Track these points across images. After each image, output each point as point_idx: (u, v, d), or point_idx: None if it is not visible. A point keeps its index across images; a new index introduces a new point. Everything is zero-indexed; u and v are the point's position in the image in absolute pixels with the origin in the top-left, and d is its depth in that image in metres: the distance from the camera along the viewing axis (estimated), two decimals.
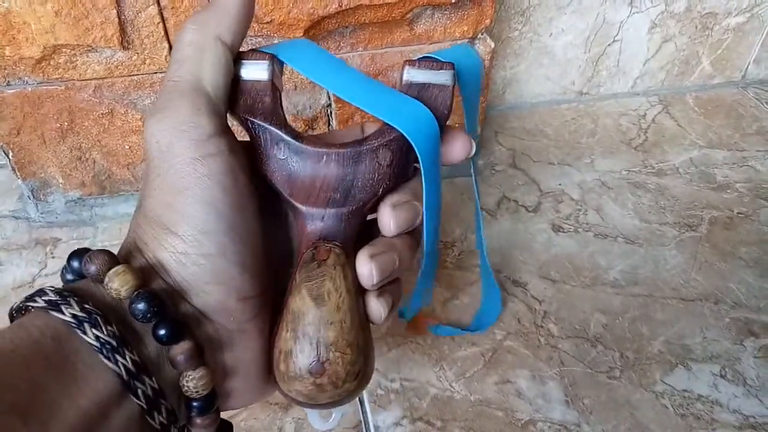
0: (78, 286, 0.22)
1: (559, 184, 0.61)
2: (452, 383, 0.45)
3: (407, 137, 0.25)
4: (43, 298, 0.20)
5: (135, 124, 0.52)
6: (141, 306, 0.21)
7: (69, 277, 0.23)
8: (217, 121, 0.23)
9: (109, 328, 0.20)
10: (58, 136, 0.52)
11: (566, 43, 0.67)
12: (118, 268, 0.21)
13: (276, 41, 0.49)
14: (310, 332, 0.23)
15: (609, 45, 0.68)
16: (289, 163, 0.25)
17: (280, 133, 0.25)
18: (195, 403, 0.22)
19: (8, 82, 0.48)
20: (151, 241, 0.23)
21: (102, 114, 0.51)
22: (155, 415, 0.21)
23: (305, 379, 0.23)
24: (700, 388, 0.44)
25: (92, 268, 0.21)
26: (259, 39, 0.48)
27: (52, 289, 0.21)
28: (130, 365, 0.20)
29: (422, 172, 0.25)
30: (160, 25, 0.46)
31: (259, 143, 0.26)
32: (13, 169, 0.54)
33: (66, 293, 0.20)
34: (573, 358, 0.46)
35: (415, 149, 0.25)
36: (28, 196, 0.56)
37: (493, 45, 0.54)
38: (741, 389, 0.44)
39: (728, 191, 0.60)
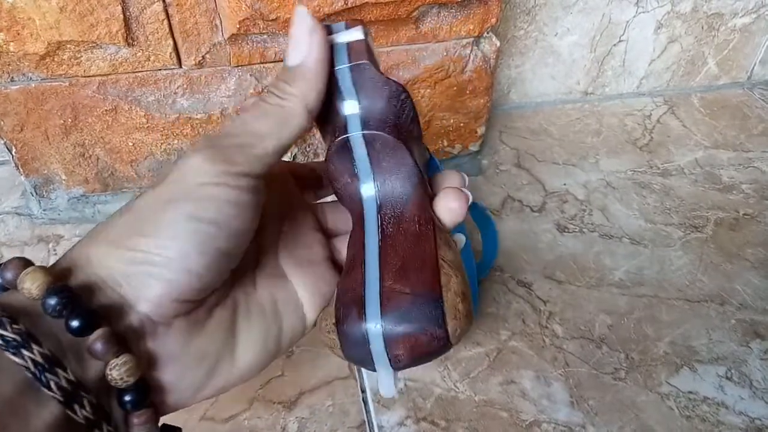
0: None
1: (564, 184, 0.61)
2: (457, 383, 0.44)
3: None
4: None
5: (139, 121, 0.51)
6: (52, 302, 0.20)
7: None
8: (255, 166, 0.24)
9: (15, 326, 0.20)
10: (62, 133, 0.51)
11: (572, 42, 0.67)
12: (29, 268, 0.21)
13: (281, 40, 0.49)
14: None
15: (614, 45, 0.68)
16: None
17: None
18: (126, 397, 0.22)
19: (12, 78, 0.48)
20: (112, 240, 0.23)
21: (106, 111, 0.51)
22: (76, 408, 0.20)
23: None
24: (705, 389, 0.44)
25: (8, 275, 0.21)
26: (264, 36, 0.48)
27: None
28: (38, 359, 0.20)
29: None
30: (165, 21, 0.46)
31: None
32: (17, 166, 0.53)
33: None
34: (578, 359, 0.46)
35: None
36: (31, 193, 0.56)
37: (498, 44, 0.54)
38: (747, 391, 0.44)
39: (734, 192, 0.60)
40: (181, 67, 0.49)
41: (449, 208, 0.27)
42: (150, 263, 0.22)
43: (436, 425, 0.42)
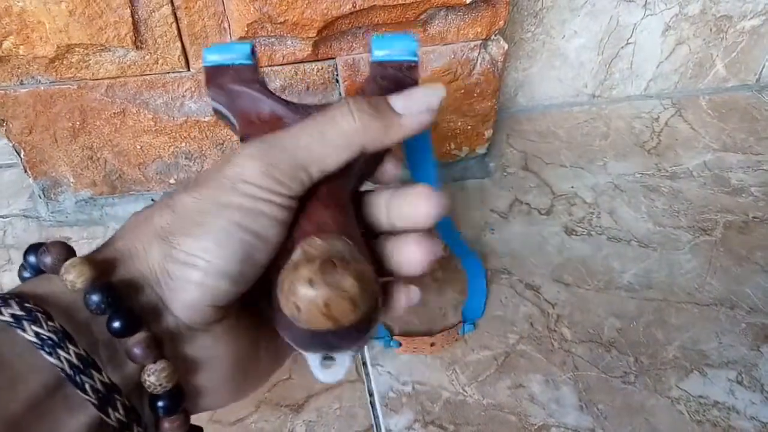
0: (29, 287, 0.21)
1: (572, 187, 0.61)
2: (465, 387, 0.44)
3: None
4: None
5: (147, 124, 0.52)
6: (95, 297, 0.20)
7: (26, 274, 0.22)
8: (299, 190, 0.23)
9: (50, 324, 0.19)
10: (70, 136, 0.52)
11: (579, 45, 0.66)
12: (75, 259, 0.21)
13: (289, 42, 0.49)
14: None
15: (622, 47, 0.67)
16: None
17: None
18: (160, 402, 0.21)
19: (21, 81, 0.48)
20: (150, 235, 0.22)
21: (114, 113, 0.51)
22: (109, 411, 0.20)
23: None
24: (716, 394, 0.43)
25: (48, 260, 0.21)
26: (272, 39, 0.48)
27: None
28: (74, 360, 0.19)
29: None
30: (174, 25, 0.46)
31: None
32: (25, 168, 0.54)
33: (8, 296, 0.20)
34: (587, 363, 0.45)
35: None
36: (39, 195, 0.56)
37: (506, 47, 0.54)
38: (758, 396, 0.43)
39: (743, 195, 0.60)
40: (189, 70, 0.49)
41: (407, 260, 0.25)
42: (191, 265, 0.22)
43: (445, 429, 0.42)
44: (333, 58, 0.51)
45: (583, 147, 0.66)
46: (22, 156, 0.53)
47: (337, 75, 0.52)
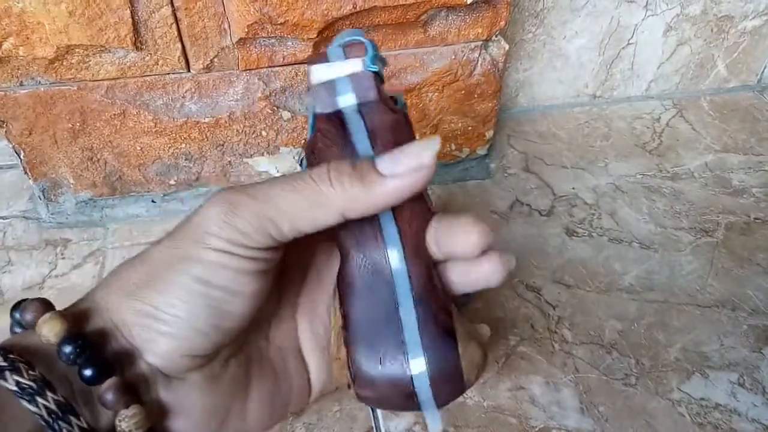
0: (16, 340, 0.22)
1: (573, 188, 0.61)
2: None
3: None
4: None
5: (147, 125, 0.51)
6: (67, 349, 0.21)
7: (17, 330, 0.23)
8: (269, 242, 0.23)
9: (31, 373, 0.20)
10: (70, 137, 0.52)
11: (580, 45, 0.66)
12: (46, 315, 0.21)
13: (289, 43, 0.49)
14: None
15: (623, 48, 0.67)
16: None
17: None
18: None
19: (21, 82, 0.48)
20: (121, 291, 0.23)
21: (114, 115, 0.51)
22: None
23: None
24: (717, 396, 0.43)
25: (28, 317, 0.22)
26: (272, 40, 0.48)
27: None
28: (52, 406, 0.20)
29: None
30: (174, 25, 0.46)
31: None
32: (25, 170, 0.54)
33: None
34: (588, 365, 0.45)
35: None
36: (39, 197, 0.56)
37: (507, 47, 0.54)
38: (760, 398, 0.43)
39: (744, 196, 0.59)
40: (189, 71, 0.49)
41: (486, 277, 0.24)
42: (158, 319, 0.22)
43: None
44: None
45: (584, 148, 0.66)
46: (22, 157, 0.53)
47: None
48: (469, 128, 0.59)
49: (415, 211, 0.25)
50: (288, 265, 0.27)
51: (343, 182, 0.22)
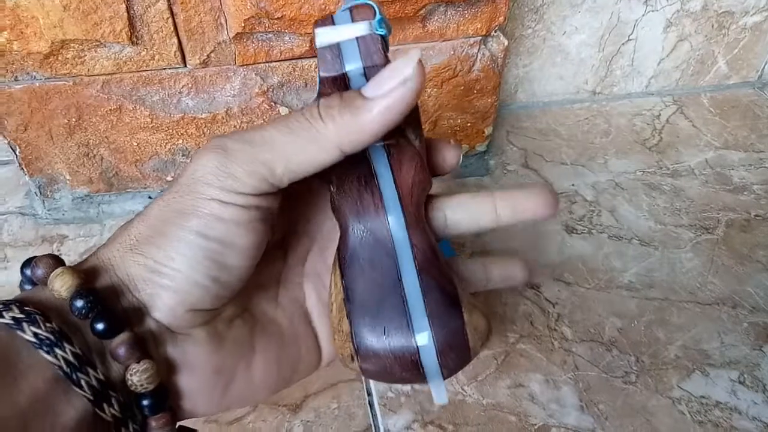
0: (29, 294, 0.22)
1: (573, 185, 0.60)
2: (464, 386, 0.44)
3: None
4: None
5: (143, 121, 0.51)
6: (78, 303, 0.21)
7: (27, 287, 0.23)
8: (265, 188, 0.23)
9: (47, 325, 0.20)
10: (66, 132, 0.51)
11: (580, 41, 0.66)
12: (59, 270, 0.22)
13: (287, 38, 0.48)
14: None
15: (623, 44, 0.67)
16: None
17: None
18: (144, 401, 0.22)
19: (16, 77, 0.47)
20: (126, 245, 0.23)
21: (110, 110, 0.50)
22: (105, 407, 0.21)
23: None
24: (718, 394, 0.43)
25: (39, 272, 0.22)
26: (270, 35, 0.48)
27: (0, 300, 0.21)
28: (70, 357, 0.20)
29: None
30: (170, 20, 0.46)
31: None
32: (20, 165, 0.53)
33: (9, 301, 0.21)
34: (587, 363, 0.45)
35: None
36: (35, 193, 0.55)
37: (506, 43, 0.53)
38: (761, 396, 0.43)
39: (745, 193, 0.59)
40: (185, 66, 0.49)
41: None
42: (159, 273, 0.22)
43: (444, 429, 0.41)
44: None
45: (584, 144, 0.65)
46: (17, 153, 0.52)
47: None
48: (468, 124, 0.58)
49: (416, 181, 0.24)
50: (296, 231, 0.28)
51: (333, 115, 0.22)
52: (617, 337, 0.47)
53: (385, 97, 0.21)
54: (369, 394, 0.43)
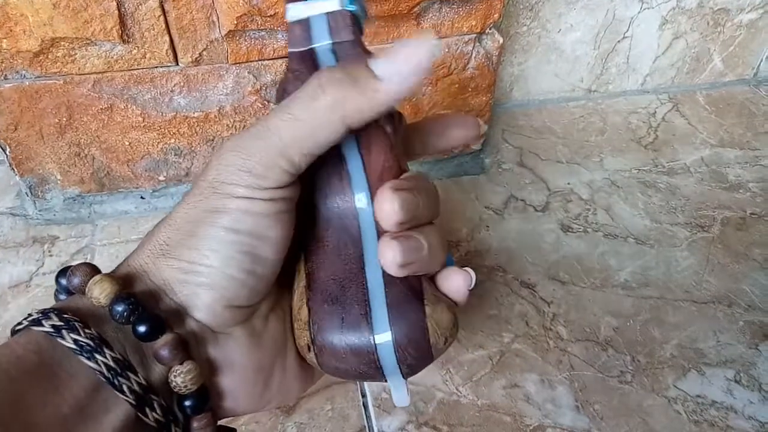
0: (65, 303, 0.23)
1: (568, 183, 0.60)
2: (459, 387, 0.43)
3: None
4: (27, 319, 0.21)
5: (135, 120, 0.51)
6: (119, 308, 0.21)
7: (62, 297, 0.24)
8: (285, 178, 0.23)
9: (87, 331, 0.20)
10: (57, 132, 0.51)
11: (575, 39, 0.66)
12: (97, 277, 0.22)
13: (280, 36, 0.48)
14: None
15: (619, 41, 0.67)
16: None
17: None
18: (187, 402, 0.22)
19: (5, 75, 0.47)
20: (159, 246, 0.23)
21: (101, 109, 0.50)
22: (147, 411, 0.21)
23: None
24: (714, 393, 0.43)
25: (75, 281, 0.22)
26: (262, 33, 0.47)
27: (38, 310, 0.22)
28: (111, 363, 0.20)
29: None
30: (161, 18, 0.45)
31: None
32: (11, 165, 0.53)
33: (48, 310, 0.21)
34: (583, 362, 0.45)
35: None
36: (26, 193, 0.55)
37: (501, 40, 0.53)
38: (756, 395, 0.43)
39: (741, 191, 0.59)
40: (177, 64, 0.48)
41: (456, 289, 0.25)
42: (195, 272, 0.22)
43: (438, 430, 0.41)
44: None
45: (579, 143, 0.65)
46: (7, 153, 0.52)
47: None
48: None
49: (386, 166, 0.24)
50: None
51: (342, 92, 0.22)
52: (613, 337, 0.46)
53: (395, 81, 0.22)
54: (363, 395, 0.43)
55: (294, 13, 0.24)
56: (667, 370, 0.44)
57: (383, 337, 0.23)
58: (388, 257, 0.22)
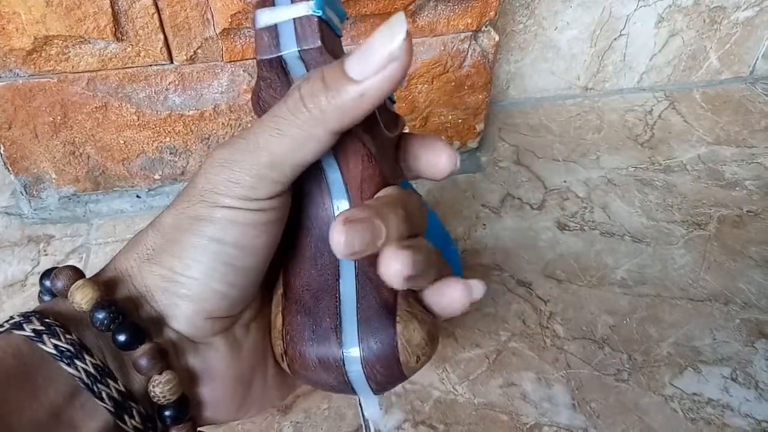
0: (48, 306, 0.22)
1: (565, 182, 0.60)
2: (456, 386, 0.43)
3: None
4: (9, 322, 0.21)
5: (129, 118, 0.50)
6: (100, 316, 0.21)
7: (46, 298, 0.23)
8: (274, 189, 0.22)
9: (68, 336, 0.20)
10: (51, 131, 0.50)
11: (571, 37, 0.65)
12: (79, 282, 0.21)
13: None
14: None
15: (615, 39, 0.67)
16: None
17: None
18: (166, 412, 0.22)
19: None
20: (143, 252, 0.23)
21: (96, 108, 0.49)
22: (126, 418, 0.21)
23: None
24: (710, 391, 0.43)
25: (59, 284, 0.22)
26: None
27: (19, 313, 0.21)
28: (91, 369, 0.20)
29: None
30: (155, 15, 0.45)
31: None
32: (5, 164, 0.52)
33: (30, 313, 0.21)
34: (580, 360, 0.45)
35: None
36: (21, 192, 0.55)
37: (497, 38, 0.53)
38: (753, 393, 0.43)
39: (737, 189, 0.59)
40: (172, 62, 0.48)
41: (450, 303, 0.24)
42: (176, 282, 0.22)
43: (435, 429, 0.41)
44: None
45: (576, 141, 0.65)
46: (2, 152, 0.51)
47: None
48: (460, 121, 0.58)
49: (365, 176, 0.23)
50: None
51: (320, 104, 0.21)
52: (609, 335, 0.46)
53: (371, 79, 0.20)
54: None
55: (262, 20, 0.23)
56: (663, 368, 0.44)
57: (352, 353, 0.22)
58: (393, 269, 0.21)
